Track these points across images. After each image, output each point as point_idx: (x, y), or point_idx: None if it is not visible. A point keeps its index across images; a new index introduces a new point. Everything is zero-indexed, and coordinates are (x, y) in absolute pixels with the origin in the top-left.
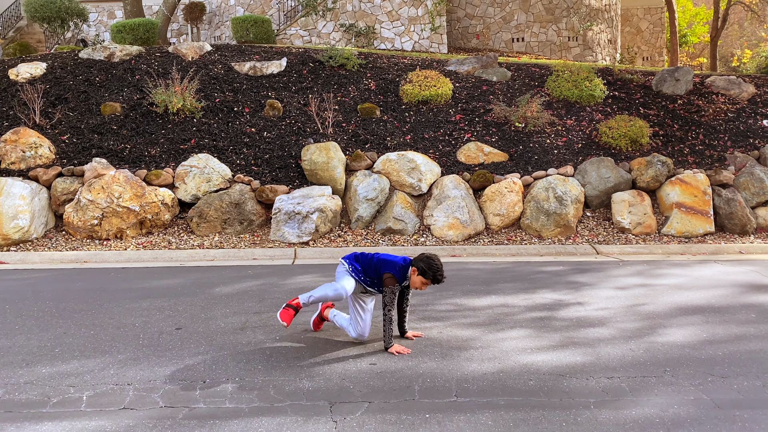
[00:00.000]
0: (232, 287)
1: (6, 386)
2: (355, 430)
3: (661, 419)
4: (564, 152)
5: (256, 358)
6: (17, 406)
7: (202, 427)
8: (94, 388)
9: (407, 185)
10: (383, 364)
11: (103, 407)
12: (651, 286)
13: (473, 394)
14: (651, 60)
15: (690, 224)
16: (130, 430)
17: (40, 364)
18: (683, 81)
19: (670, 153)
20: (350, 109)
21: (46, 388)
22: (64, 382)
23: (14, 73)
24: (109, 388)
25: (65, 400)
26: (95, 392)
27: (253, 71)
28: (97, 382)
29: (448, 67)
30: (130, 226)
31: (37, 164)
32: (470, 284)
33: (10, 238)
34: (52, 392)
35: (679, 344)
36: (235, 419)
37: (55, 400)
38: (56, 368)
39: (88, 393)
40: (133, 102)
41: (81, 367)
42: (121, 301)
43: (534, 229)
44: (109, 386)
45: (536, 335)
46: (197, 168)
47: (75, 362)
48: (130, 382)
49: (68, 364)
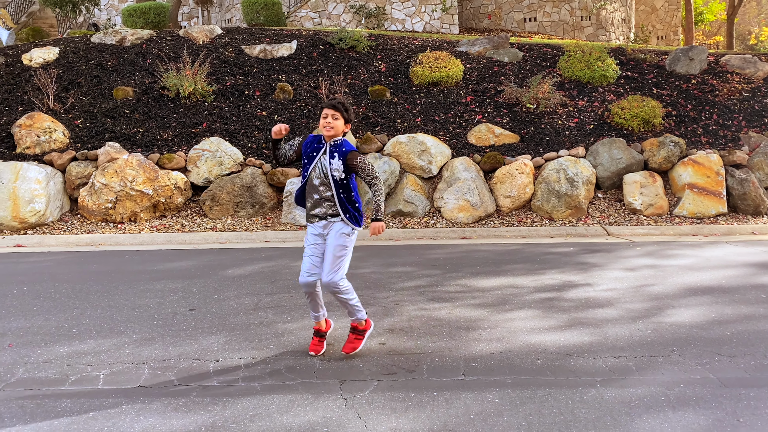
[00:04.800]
0: (244, 269)
1: (26, 365)
2: (365, 407)
3: (666, 397)
4: (575, 133)
5: (267, 337)
6: (37, 384)
7: (216, 404)
8: (111, 367)
9: (417, 167)
10: (392, 343)
11: (120, 385)
12: (661, 267)
13: (480, 373)
14: (666, 39)
15: (702, 205)
16: (146, 407)
17: (58, 343)
18: (697, 60)
19: (683, 133)
20: (360, 91)
21: (64, 367)
22: (82, 361)
23: (28, 58)
24: (125, 366)
25: (83, 378)
26: (111, 371)
27: (263, 54)
28: (114, 361)
29: (459, 48)
30: (144, 209)
31: (51, 149)
32: (479, 266)
33: (27, 221)
34: (70, 371)
35: (687, 324)
36: (248, 397)
37: (73, 378)
38: (74, 347)
39: (104, 372)
40: (145, 86)
41: (98, 346)
42: (135, 283)
43: (545, 211)
44: (125, 365)
45: (544, 315)
46: (209, 151)
47: (92, 342)
48: (145, 361)
49: (85, 343)
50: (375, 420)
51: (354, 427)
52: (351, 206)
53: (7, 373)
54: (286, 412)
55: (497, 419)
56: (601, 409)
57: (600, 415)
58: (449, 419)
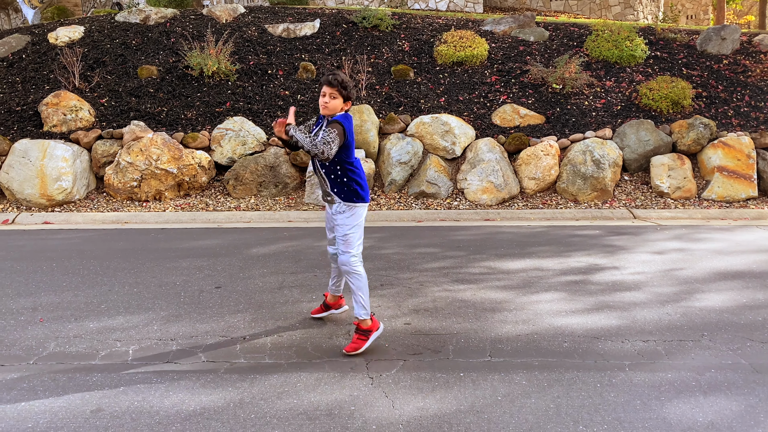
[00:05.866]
0: (268, 248)
1: (57, 339)
2: (391, 386)
3: (697, 382)
4: (602, 114)
5: (293, 316)
6: (68, 358)
7: (243, 380)
8: (139, 343)
9: (441, 148)
10: (418, 323)
11: (149, 361)
12: (689, 250)
13: (507, 355)
14: (695, 18)
15: (732, 188)
16: (175, 382)
17: (87, 319)
18: (729, 40)
19: (714, 115)
20: (384, 71)
21: (94, 342)
22: (111, 337)
23: (53, 37)
24: (153, 342)
25: (113, 353)
26: (140, 346)
27: (286, 33)
28: (142, 337)
29: (484, 27)
30: (168, 188)
31: (77, 127)
32: (504, 248)
33: (54, 199)
34: (99, 345)
35: (718, 309)
36: (275, 374)
37: (103, 353)
38: (103, 323)
39: (133, 347)
40: (169, 65)
41: (126, 322)
42: (161, 261)
43: (570, 193)
44: (153, 341)
45: (570, 298)
46: (233, 131)
47: (120, 318)
48: (173, 337)
49: (114, 319)
50: (402, 399)
51: (381, 405)
52: (345, 184)
53: (38, 347)
54: (313, 390)
55: (525, 401)
56: (631, 393)
57: (629, 399)
58: (476, 400)
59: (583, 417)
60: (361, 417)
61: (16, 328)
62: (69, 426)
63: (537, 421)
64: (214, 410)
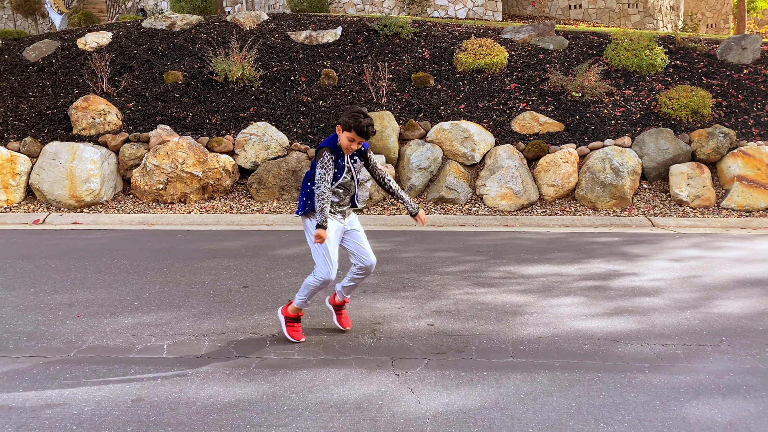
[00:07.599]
0: (292, 250)
1: (94, 333)
2: (417, 383)
3: (716, 385)
4: (621, 123)
5: (319, 315)
6: (106, 351)
7: (275, 375)
8: (173, 338)
9: (460, 155)
10: (440, 324)
11: (183, 355)
12: (708, 258)
13: (529, 356)
14: (716, 27)
15: (751, 198)
16: (210, 376)
17: (122, 315)
18: (750, 49)
19: (733, 124)
20: (404, 78)
21: (129, 337)
22: (145, 332)
23: (82, 43)
24: (186, 338)
25: (148, 347)
26: (174, 341)
27: (308, 40)
28: (175, 332)
29: (504, 35)
30: (194, 190)
31: (105, 130)
32: (523, 253)
33: (83, 200)
34: (135, 340)
35: (736, 315)
36: (304, 369)
37: (139, 347)
38: (137, 319)
39: (168, 342)
40: (194, 71)
41: (159, 318)
42: (189, 261)
43: (588, 201)
44: (186, 336)
45: (590, 303)
46: (256, 136)
47: (153, 314)
48: (205, 333)
49: (147, 315)
50: (427, 395)
51: (408, 401)
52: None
53: (78, 340)
54: (341, 385)
55: (547, 399)
56: (651, 394)
57: (649, 399)
58: (500, 397)
59: (604, 415)
60: (389, 411)
61: (55, 323)
62: (112, 414)
63: (559, 419)
64: (248, 402)
